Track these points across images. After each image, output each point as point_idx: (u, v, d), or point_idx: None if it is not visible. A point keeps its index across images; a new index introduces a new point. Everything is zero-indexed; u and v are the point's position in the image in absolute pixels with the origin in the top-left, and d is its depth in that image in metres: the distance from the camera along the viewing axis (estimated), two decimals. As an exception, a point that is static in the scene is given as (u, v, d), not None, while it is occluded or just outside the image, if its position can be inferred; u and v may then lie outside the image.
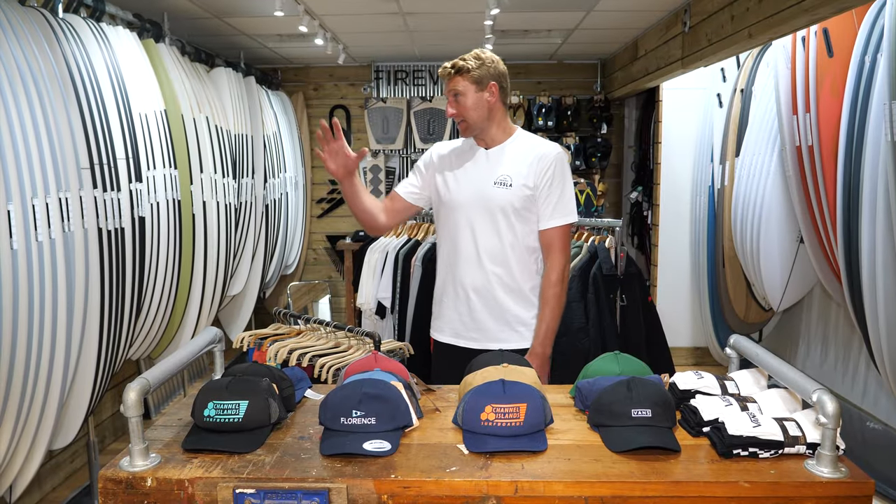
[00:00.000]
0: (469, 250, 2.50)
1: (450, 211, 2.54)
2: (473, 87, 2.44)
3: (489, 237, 2.48)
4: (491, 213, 2.47)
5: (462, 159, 2.54)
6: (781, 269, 4.01)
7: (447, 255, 2.58)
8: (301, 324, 3.17)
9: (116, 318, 3.00)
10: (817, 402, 1.39)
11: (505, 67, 2.51)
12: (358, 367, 1.83)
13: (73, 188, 2.66)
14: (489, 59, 2.45)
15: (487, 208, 2.47)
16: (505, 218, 2.46)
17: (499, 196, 2.45)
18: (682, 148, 5.19)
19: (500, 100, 2.48)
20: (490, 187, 2.46)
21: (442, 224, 2.59)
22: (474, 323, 2.54)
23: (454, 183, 2.53)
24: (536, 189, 2.45)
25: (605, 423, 1.59)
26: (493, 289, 2.50)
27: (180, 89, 3.67)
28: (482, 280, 2.50)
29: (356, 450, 1.48)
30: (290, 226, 5.85)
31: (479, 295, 2.51)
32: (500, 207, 2.45)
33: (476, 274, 2.50)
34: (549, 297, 2.47)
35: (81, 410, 2.93)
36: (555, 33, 5.05)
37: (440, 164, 2.58)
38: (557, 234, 2.48)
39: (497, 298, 2.50)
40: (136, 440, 1.47)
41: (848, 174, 2.94)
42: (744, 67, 4.28)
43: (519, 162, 2.47)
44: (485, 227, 2.48)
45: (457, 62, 2.45)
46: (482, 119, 2.47)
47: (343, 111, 6.49)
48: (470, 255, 2.50)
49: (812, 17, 2.74)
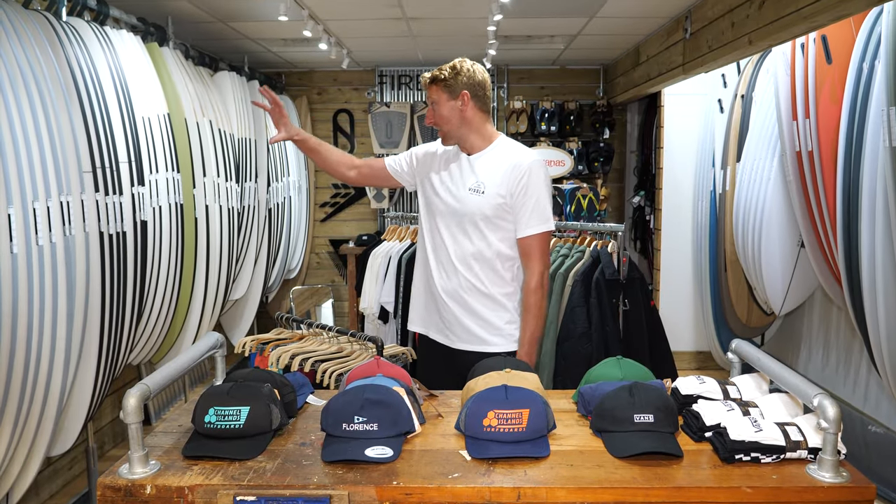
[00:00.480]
0: (442, 254, 2.56)
1: (429, 212, 2.61)
2: (446, 96, 2.47)
3: (461, 243, 2.51)
4: (463, 219, 2.50)
5: (447, 163, 2.60)
6: (783, 273, 4.02)
7: (423, 254, 2.64)
8: (303, 328, 3.17)
9: (117, 322, 3.00)
10: (818, 406, 1.39)
11: (484, 77, 2.52)
12: (360, 373, 1.83)
13: (74, 192, 2.66)
14: (465, 69, 2.47)
15: (460, 214, 2.50)
16: (476, 225, 2.48)
17: (471, 203, 2.47)
18: (683, 153, 5.20)
19: (477, 108, 2.49)
20: (465, 193, 2.49)
21: (422, 222, 2.65)
22: (444, 323, 2.59)
23: (437, 185, 2.59)
24: (511, 197, 2.45)
25: (608, 428, 1.59)
26: (464, 293, 2.52)
27: (184, 93, 3.68)
28: (454, 284, 2.53)
29: (358, 456, 1.48)
30: (293, 230, 5.86)
31: (451, 298, 2.55)
32: (471, 214, 2.48)
33: (449, 278, 2.54)
34: (530, 305, 2.48)
35: (80, 416, 2.93)
36: (558, 39, 5.06)
37: (431, 163, 2.64)
38: (534, 241, 2.48)
39: (468, 303, 2.53)
40: (135, 447, 1.46)
41: (847, 179, 2.95)
42: (744, 73, 4.29)
43: (494, 170, 2.48)
44: (458, 233, 2.52)
45: (433, 72, 2.50)
46: (456, 127, 2.50)
47: (347, 115, 6.50)
48: (443, 259, 2.56)
49: (811, 24, 2.75)
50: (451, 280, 2.54)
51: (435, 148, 2.66)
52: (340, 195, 6.58)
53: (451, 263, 2.53)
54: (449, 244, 2.53)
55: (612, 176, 6.39)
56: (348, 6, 4.00)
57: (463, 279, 2.52)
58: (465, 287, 2.52)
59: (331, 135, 6.49)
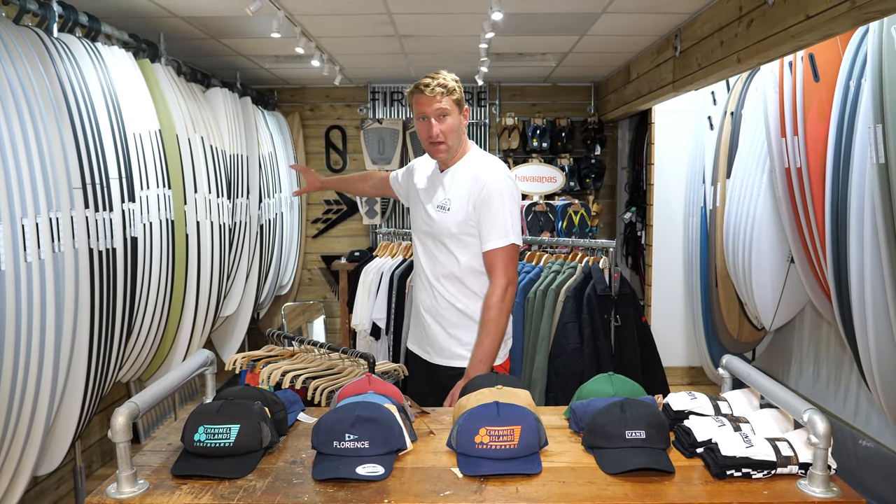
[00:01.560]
0: (419, 270, 2.62)
1: (413, 229, 2.69)
2: (456, 109, 2.44)
3: (434, 259, 2.53)
4: (433, 237, 2.52)
5: (424, 180, 2.64)
6: (773, 289, 4.03)
7: (413, 270, 2.74)
8: (295, 345, 3.16)
9: (106, 339, 2.98)
10: (808, 422, 1.39)
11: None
12: (352, 390, 1.82)
13: (64, 208, 2.65)
14: (459, 81, 2.48)
15: (430, 232, 2.53)
16: (443, 242, 2.48)
17: (438, 220, 2.48)
18: (674, 169, 5.23)
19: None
20: (434, 210, 2.50)
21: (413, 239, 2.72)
22: (427, 338, 2.63)
23: (414, 202, 2.66)
24: (475, 211, 2.41)
25: (600, 444, 1.59)
26: (441, 309, 2.55)
27: (175, 109, 3.68)
28: (431, 300, 2.57)
29: (349, 474, 1.47)
30: (285, 246, 5.85)
31: (429, 314, 2.59)
32: (438, 233, 2.49)
33: (426, 293, 2.59)
34: (486, 321, 2.38)
35: (68, 435, 2.90)
36: (549, 56, 5.10)
37: (413, 180, 2.69)
38: (497, 255, 2.41)
39: (445, 318, 2.55)
40: (123, 466, 1.45)
41: (836, 195, 2.97)
42: (733, 91, 4.33)
43: (459, 185, 2.46)
44: (431, 250, 2.54)
45: (443, 82, 2.39)
46: (456, 141, 2.48)
47: (339, 132, 6.51)
48: (421, 275, 2.61)
49: (798, 43, 2.79)
50: (429, 296, 2.57)
51: (420, 166, 2.71)
52: (332, 211, 6.58)
53: (427, 280, 2.57)
54: (424, 261, 2.58)
55: (603, 192, 6.42)
56: (341, 23, 4.02)
57: (438, 296, 2.54)
58: (441, 303, 2.54)
59: (323, 151, 6.51)
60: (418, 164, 2.75)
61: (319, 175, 3.24)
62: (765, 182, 3.86)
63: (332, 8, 3.67)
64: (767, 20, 2.92)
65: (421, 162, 2.73)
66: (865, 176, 2.71)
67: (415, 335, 2.74)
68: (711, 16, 3.55)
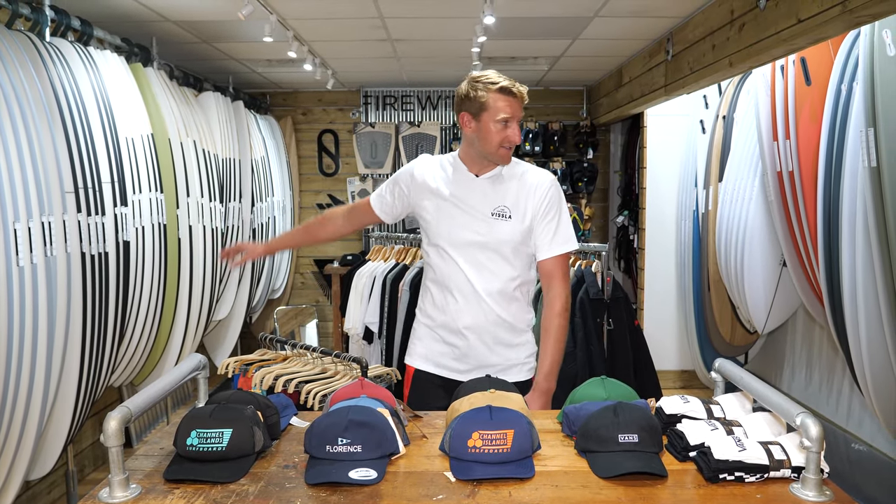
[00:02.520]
0: (465, 287, 2.33)
1: (443, 243, 2.35)
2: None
3: (488, 272, 2.32)
4: (489, 248, 2.31)
5: (451, 185, 2.36)
6: (765, 292, 4.05)
7: (439, 288, 2.39)
8: (287, 349, 3.15)
9: (99, 344, 2.97)
10: (801, 425, 1.39)
11: None
12: (344, 394, 1.82)
13: (56, 212, 2.64)
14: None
15: (485, 243, 2.30)
16: (501, 253, 2.31)
17: (498, 229, 2.30)
18: (666, 173, 5.25)
19: None
20: (491, 219, 2.30)
21: (433, 254, 2.40)
22: (465, 357, 2.38)
23: (449, 212, 2.33)
24: (534, 219, 2.31)
25: (593, 448, 1.59)
26: (490, 325, 2.34)
27: (168, 113, 3.68)
28: (477, 317, 2.34)
29: (342, 478, 1.46)
30: (277, 250, 5.83)
31: (472, 331, 2.35)
32: (498, 242, 2.30)
33: (470, 310, 2.34)
34: (553, 329, 2.30)
35: (60, 439, 2.88)
36: (541, 60, 5.11)
37: (432, 186, 2.37)
38: (558, 263, 2.33)
39: (494, 334, 2.35)
40: (116, 470, 1.44)
41: (828, 198, 2.98)
42: (725, 95, 4.35)
43: (514, 191, 2.32)
44: (483, 262, 2.31)
45: (519, 86, 2.31)
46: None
47: (331, 136, 6.51)
48: (467, 293, 2.33)
49: (790, 47, 2.80)
50: (473, 313, 2.33)
51: (427, 170, 2.41)
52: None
53: (473, 295, 2.32)
54: (471, 275, 2.32)
55: (595, 196, 6.43)
56: (333, 27, 4.02)
57: (489, 311, 2.32)
58: (491, 319, 2.33)
59: (315, 155, 6.50)
60: (422, 168, 2.42)
61: (257, 244, 2.88)
62: (757, 186, 3.87)
63: (325, 12, 3.68)
64: (759, 24, 2.94)
65: (424, 167, 2.42)
66: (857, 179, 2.72)
67: (431, 354, 2.43)
68: (703, 20, 3.56)
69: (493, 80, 2.26)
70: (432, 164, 2.43)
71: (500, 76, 2.28)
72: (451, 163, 2.40)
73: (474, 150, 2.33)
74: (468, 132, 2.31)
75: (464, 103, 2.29)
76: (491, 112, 2.25)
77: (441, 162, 2.43)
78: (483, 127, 2.27)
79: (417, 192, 2.41)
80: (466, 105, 2.28)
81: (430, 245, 2.42)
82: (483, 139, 2.28)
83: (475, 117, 2.28)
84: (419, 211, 2.42)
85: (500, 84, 2.25)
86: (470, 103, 2.27)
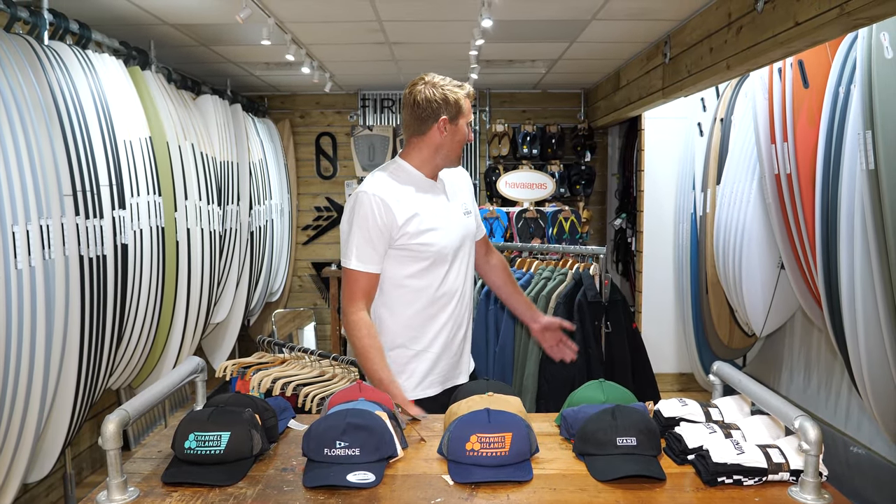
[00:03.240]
0: (458, 286, 2.32)
1: (430, 253, 2.24)
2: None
3: (469, 267, 2.40)
4: (469, 247, 2.41)
5: (420, 200, 2.25)
6: (763, 295, 4.05)
7: (427, 302, 2.28)
8: (285, 352, 3.15)
9: (97, 346, 2.96)
10: (800, 428, 1.39)
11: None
12: (342, 397, 1.82)
13: (54, 215, 2.64)
14: None
15: (466, 243, 2.37)
16: (471, 245, 2.43)
17: (470, 226, 2.40)
18: (664, 176, 5.25)
19: None
20: (466, 219, 2.38)
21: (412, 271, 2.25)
22: (461, 362, 2.40)
23: (435, 226, 2.25)
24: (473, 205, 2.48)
25: (591, 451, 1.59)
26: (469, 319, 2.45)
27: (166, 116, 3.68)
28: (468, 314, 2.41)
29: (340, 482, 1.46)
30: (276, 253, 5.84)
31: (468, 329, 2.44)
32: (472, 238, 2.43)
33: (466, 308, 2.39)
34: (510, 275, 2.64)
35: (58, 442, 2.88)
36: (539, 63, 5.12)
37: (408, 210, 2.21)
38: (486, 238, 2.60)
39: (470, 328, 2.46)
40: (114, 473, 1.44)
41: (826, 201, 2.99)
42: (723, 97, 4.35)
43: (457, 187, 2.41)
44: (468, 261, 2.39)
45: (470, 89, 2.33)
46: None
47: (329, 138, 6.51)
48: (462, 292, 2.35)
49: (787, 49, 2.80)
50: (469, 312, 2.42)
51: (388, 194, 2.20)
52: (323, 218, 6.57)
53: (468, 295, 2.40)
54: (468, 276, 2.38)
55: (593, 199, 6.44)
56: (331, 31, 4.02)
57: (471, 305, 2.45)
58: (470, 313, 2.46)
59: (313, 157, 6.50)
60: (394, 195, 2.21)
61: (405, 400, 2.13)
62: (755, 188, 3.87)
63: (323, 15, 3.68)
64: (756, 27, 2.94)
65: (391, 192, 2.21)
66: (855, 182, 2.72)
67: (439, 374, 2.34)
68: (701, 22, 3.57)
69: (458, 83, 2.28)
70: (385, 187, 2.23)
71: (454, 80, 2.29)
72: (406, 176, 2.28)
73: (440, 155, 2.29)
74: (440, 137, 2.25)
75: (443, 108, 2.23)
76: (465, 115, 2.28)
77: (390, 180, 2.26)
78: (458, 130, 2.27)
79: (402, 217, 2.20)
80: (447, 110, 2.24)
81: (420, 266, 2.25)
82: (455, 142, 2.28)
83: (452, 121, 2.26)
84: (402, 241, 2.21)
85: (467, 89, 2.29)
86: (450, 107, 2.24)
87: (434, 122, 2.24)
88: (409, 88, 2.28)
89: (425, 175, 2.30)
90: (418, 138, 2.28)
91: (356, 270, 2.17)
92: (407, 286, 2.25)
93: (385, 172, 2.28)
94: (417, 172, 2.29)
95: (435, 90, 2.23)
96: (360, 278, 2.18)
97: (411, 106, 2.26)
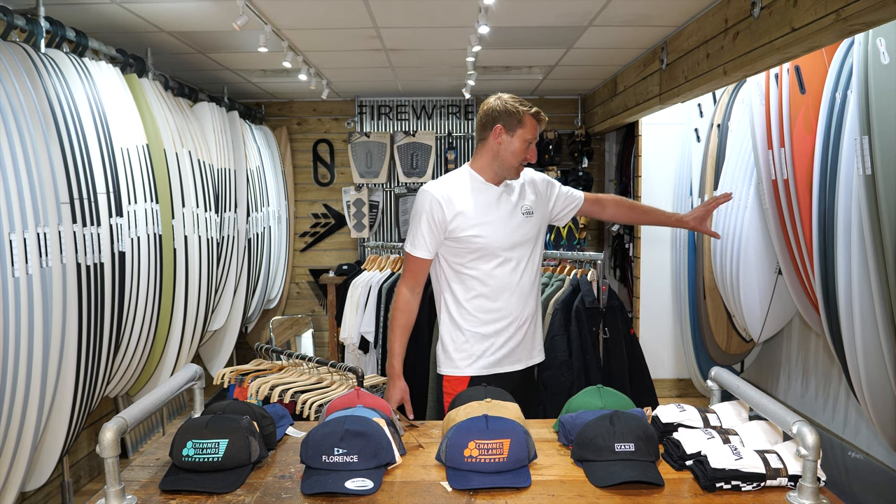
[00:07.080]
0: (513, 280, 2.53)
1: (478, 246, 2.47)
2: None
3: (531, 264, 2.58)
4: (527, 243, 2.57)
5: (479, 200, 2.49)
6: (761, 300, 4.05)
7: (480, 291, 2.51)
8: (283, 359, 3.14)
9: (94, 354, 2.96)
10: (798, 434, 1.39)
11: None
12: (340, 404, 1.81)
13: (51, 223, 2.64)
14: None
15: (524, 240, 2.55)
16: (535, 244, 2.59)
17: (529, 225, 2.56)
18: (661, 181, 5.26)
19: None
20: (524, 218, 2.55)
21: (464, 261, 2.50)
22: (522, 348, 2.60)
23: (489, 222, 2.48)
24: (549, 200, 2.66)
25: (589, 457, 1.59)
26: (537, 309, 2.64)
27: (163, 123, 3.68)
28: (530, 306, 2.59)
29: (338, 489, 1.46)
30: (273, 260, 5.83)
31: (531, 321, 2.60)
32: (533, 236, 2.57)
33: (525, 303, 2.57)
34: (630, 202, 2.88)
35: (56, 450, 2.87)
36: (536, 69, 5.13)
37: (463, 208, 2.46)
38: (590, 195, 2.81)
39: (538, 314, 2.66)
40: (111, 481, 1.44)
41: (823, 206, 2.99)
42: (720, 103, 4.37)
43: (523, 192, 2.59)
44: (525, 257, 2.56)
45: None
46: None
47: (327, 145, 6.52)
48: (514, 289, 2.53)
49: (784, 55, 2.82)
50: (527, 305, 2.58)
51: (449, 195, 2.47)
52: (320, 225, 6.57)
53: (526, 288, 2.57)
54: (525, 271, 2.56)
55: (591, 204, 6.43)
56: (328, 38, 4.03)
57: (538, 296, 2.64)
58: (537, 303, 2.65)
59: (311, 164, 6.51)
60: (447, 193, 2.48)
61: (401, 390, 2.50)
62: (752, 194, 3.88)
63: (320, 22, 3.69)
64: (753, 33, 2.96)
65: (445, 191, 2.49)
66: (852, 187, 2.73)
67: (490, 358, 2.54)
68: (697, 28, 3.58)
69: (527, 103, 2.50)
70: (448, 189, 2.49)
71: (534, 106, 2.52)
72: (464, 178, 2.54)
73: (496, 162, 2.50)
74: (495, 144, 2.48)
75: (501, 117, 2.46)
76: (525, 130, 2.47)
77: (448, 180, 2.54)
78: (514, 142, 2.46)
79: (452, 218, 2.46)
80: (504, 119, 2.46)
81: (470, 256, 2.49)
82: (510, 153, 2.47)
83: (509, 131, 2.46)
84: (453, 234, 2.46)
85: (535, 109, 2.50)
86: (508, 118, 2.46)
87: (491, 130, 2.48)
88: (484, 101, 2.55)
89: (485, 179, 2.52)
90: (481, 144, 2.54)
91: (408, 253, 2.51)
92: (463, 273, 2.52)
93: (449, 174, 2.58)
94: (477, 175, 2.53)
95: (499, 102, 2.49)
96: (411, 260, 2.51)
97: (479, 114, 2.55)
